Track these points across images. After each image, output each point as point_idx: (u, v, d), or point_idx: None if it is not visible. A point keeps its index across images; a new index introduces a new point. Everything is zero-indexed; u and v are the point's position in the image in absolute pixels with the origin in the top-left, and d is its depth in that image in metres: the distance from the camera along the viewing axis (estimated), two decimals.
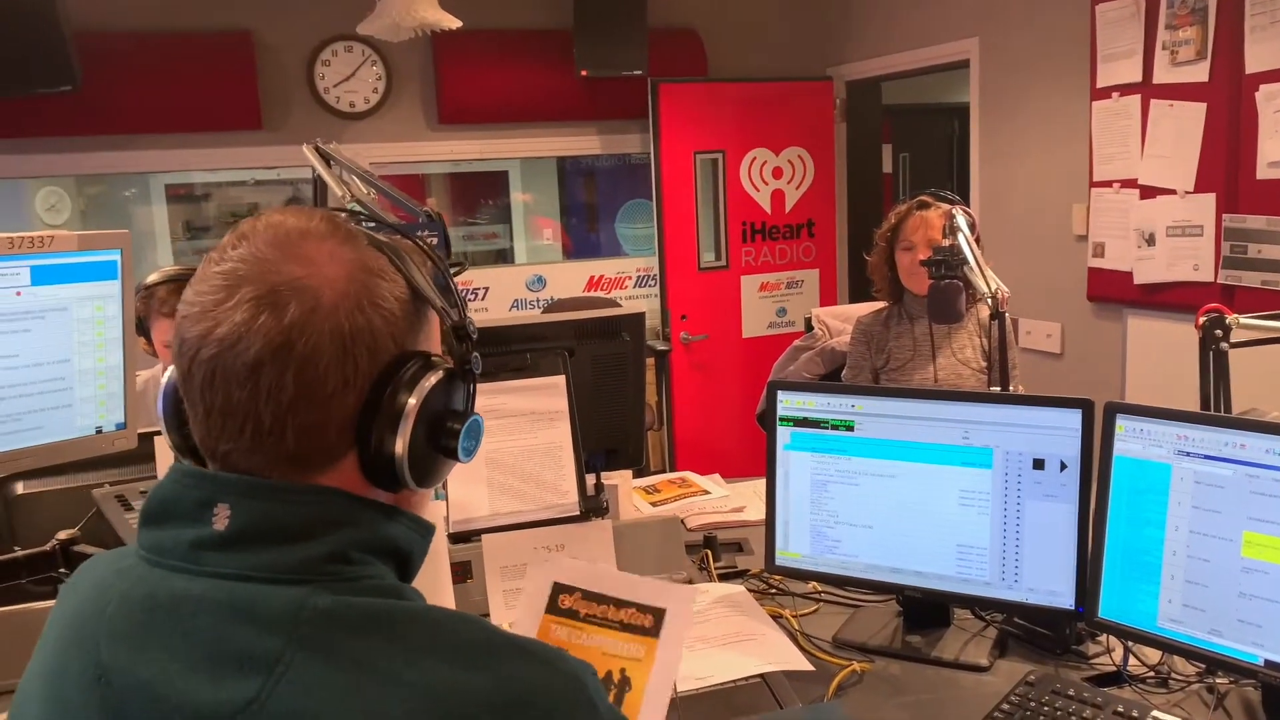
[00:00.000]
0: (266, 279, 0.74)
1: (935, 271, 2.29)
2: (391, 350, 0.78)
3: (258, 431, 0.74)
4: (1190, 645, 1.45)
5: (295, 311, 0.73)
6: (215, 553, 0.73)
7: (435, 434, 0.81)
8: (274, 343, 0.73)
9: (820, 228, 5.12)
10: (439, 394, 0.80)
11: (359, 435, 0.77)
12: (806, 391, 1.79)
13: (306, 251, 0.76)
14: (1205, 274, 3.29)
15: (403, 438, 0.77)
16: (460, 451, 0.83)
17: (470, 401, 0.86)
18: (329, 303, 0.75)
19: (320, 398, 0.74)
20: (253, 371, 0.73)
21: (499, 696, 0.70)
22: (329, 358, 0.74)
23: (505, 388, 1.87)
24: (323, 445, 0.76)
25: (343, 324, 0.75)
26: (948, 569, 1.67)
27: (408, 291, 0.80)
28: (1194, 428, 1.44)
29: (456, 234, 6.26)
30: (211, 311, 0.74)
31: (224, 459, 0.76)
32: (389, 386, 0.77)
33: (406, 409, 0.77)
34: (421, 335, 0.82)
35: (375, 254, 0.80)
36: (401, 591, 0.76)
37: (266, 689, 0.67)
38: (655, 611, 1.33)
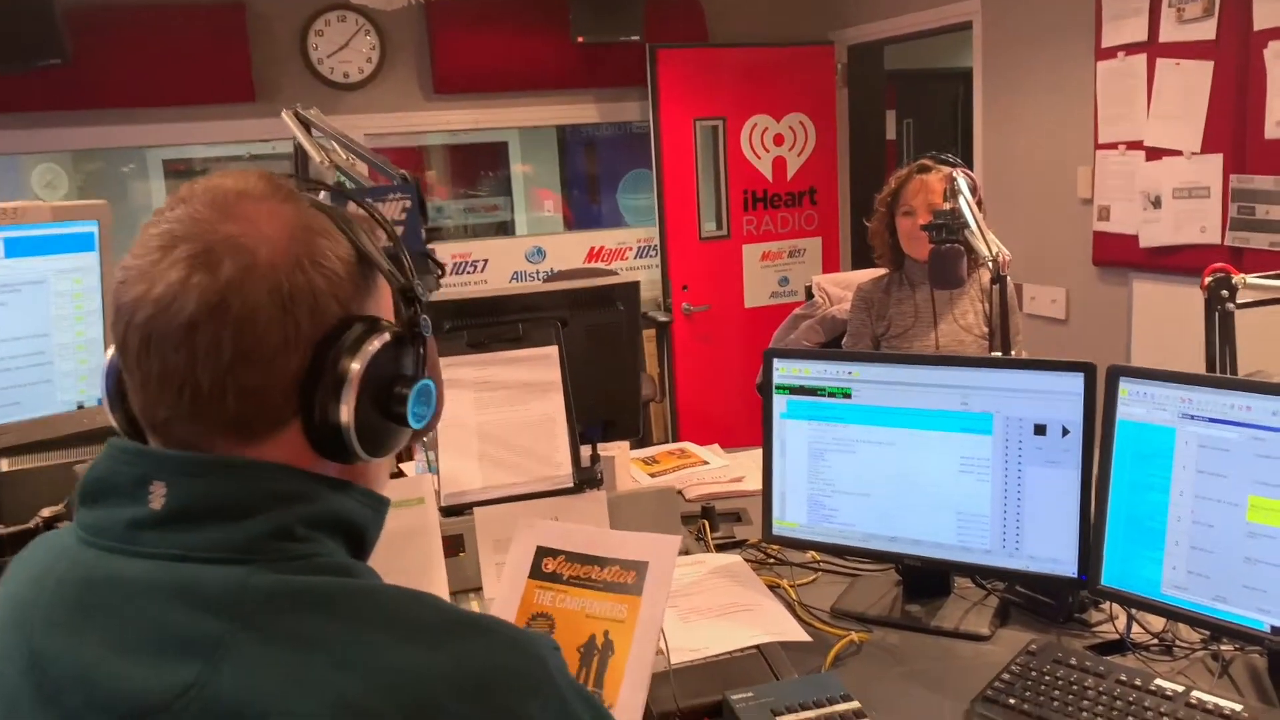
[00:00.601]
0: (202, 238, 0.71)
1: (936, 236, 2.25)
2: (336, 312, 0.74)
3: (196, 396, 0.71)
4: (1194, 612, 1.42)
5: (230, 269, 0.70)
6: (153, 532, 0.70)
7: (383, 400, 0.78)
8: (209, 301, 0.70)
9: (822, 195, 5.06)
10: (386, 358, 0.77)
11: (302, 401, 0.73)
12: (802, 359, 1.76)
13: (244, 210, 0.73)
14: (1212, 236, 3.23)
15: (347, 404, 0.73)
16: (411, 417, 0.79)
17: (421, 365, 0.82)
18: (266, 260, 0.71)
19: (260, 359, 0.71)
20: (188, 332, 0.70)
21: (456, 676, 0.67)
22: (268, 317, 0.71)
23: (497, 359, 1.83)
24: (265, 409, 0.72)
25: (282, 282, 0.71)
26: (947, 537, 1.64)
27: (353, 253, 0.77)
28: (1198, 390, 1.41)
29: (457, 207, 6.22)
30: (147, 273, 0.71)
31: (164, 429, 0.73)
32: (332, 350, 0.73)
33: (350, 373, 0.73)
34: (370, 300, 0.79)
35: (317, 214, 0.77)
36: (351, 569, 0.73)
37: (206, 673, 0.64)
38: (638, 566, 1.30)
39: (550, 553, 1.38)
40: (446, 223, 6.00)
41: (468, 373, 1.82)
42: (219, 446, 0.72)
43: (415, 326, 0.81)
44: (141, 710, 0.65)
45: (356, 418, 0.74)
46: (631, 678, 1.24)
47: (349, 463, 0.77)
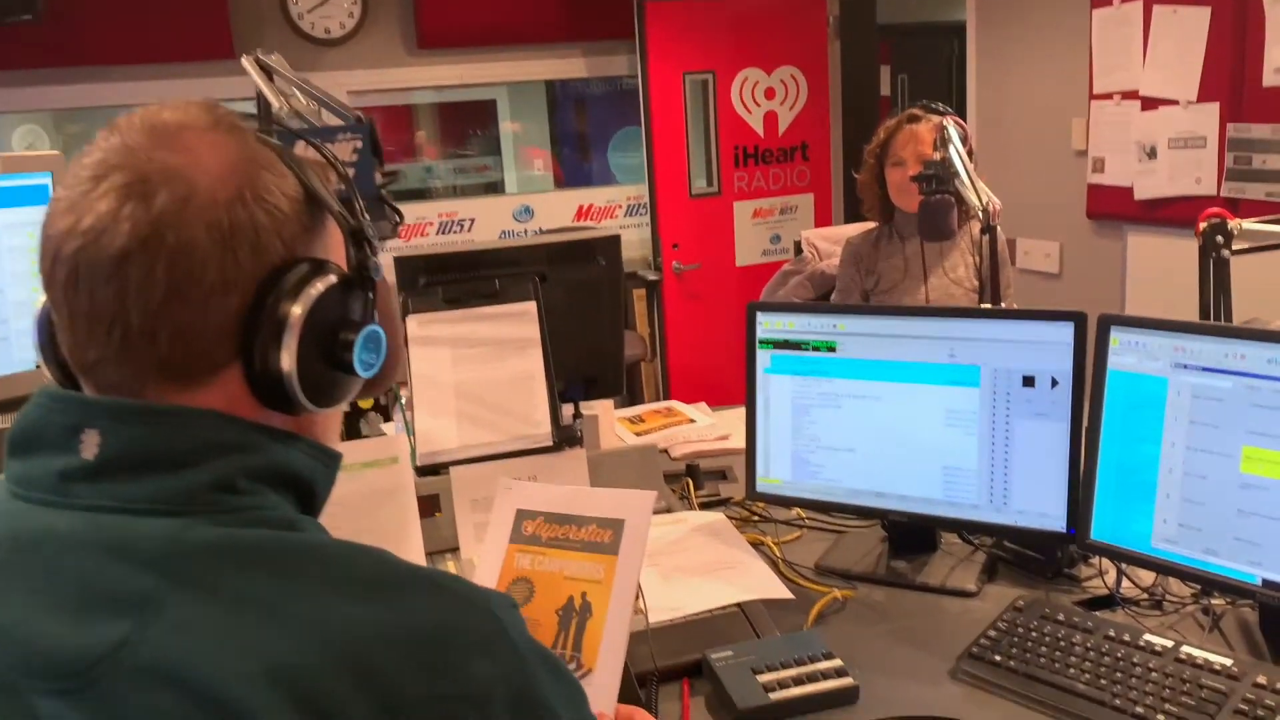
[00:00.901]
0: (137, 167, 0.67)
1: (926, 187, 2.19)
2: (280, 252, 0.70)
3: (127, 335, 0.66)
4: (1185, 566, 1.39)
5: (166, 199, 0.66)
6: (85, 484, 0.66)
7: (328, 346, 0.73)
8: (141, 233, 0.65)
9: (814, 150, 4.98)
10: (332, 301, 0.72)
11: (242, 345, 0.69)
12: (786, 312, 1.71)
13: (184, 140, 0.69)
14: (1208, 187, 3.18)
15: (289, 350, 0.69)
16: (358, 365, 0.74)
17: (369, 311, 0.77)
18: (205, 191, 0.67)
19: (196, 296, 0.66)
20: (119, 265, 0.65)
21: (401, 632, 0.63)
22: (205, 252, 0.66)
23: (473, 315, 1.79)
24: (200, 352, 0.68)
25: (221, 216, 0.67)
26: (934, 492, 1.61)
27: (300, 191, 0.72)
28: (1192, 339, 1.36)
29: (447, 167, 6.13)
30: (77, 204, 0.67)
31: (95, 372, 0.69)
32: (274, 291, 0.69)
33: (292, 317, 0.69)
34: (318, 242, 0.74)
35: (262, 149, 0.72)
36: (295, 523, 0.69)
37: (137, 632, 0.60)
38: (614, 525, 1.27)
39: (529, 515, 1.35)
40: (436, 183, 5.92)
41: (444, 329, 1.77)
42: (151, 392, 0.68)
43: (365, 270, 0.76)
44: (68, 670, 0.61)
45: (299, 365, 0.70)
46: (609, 639, 1.21)
47: (294, 413, 0.73)
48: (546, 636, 1.23)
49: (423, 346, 1.76)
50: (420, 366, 1.74)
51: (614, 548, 1.27)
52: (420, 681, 0.63)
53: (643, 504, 1.28)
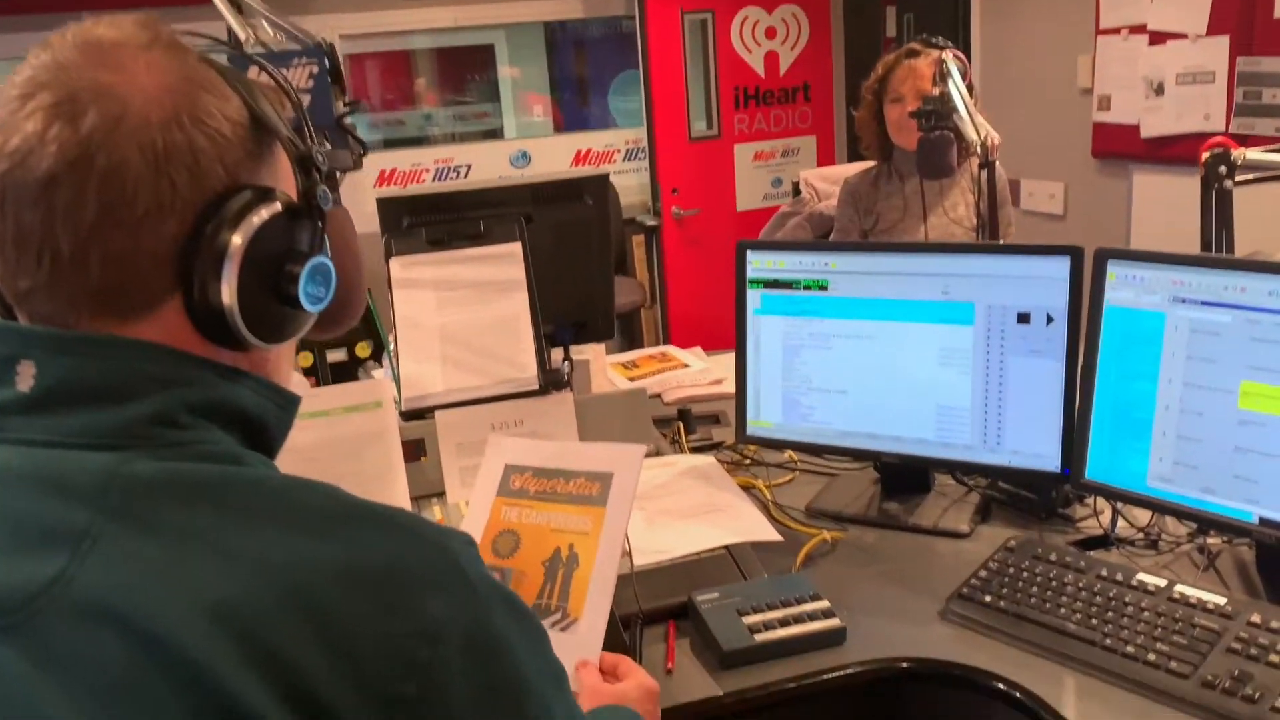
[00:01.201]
0: (67, 85, 0.63)
1: (924, 123, 2.14)
2: (222, 178, 0.66)
3: (57, 261, 0.63)
4: (1181, 505, 1.36)
5: (95, 119, 0.62)
6: (19, 417, 0.63)
7: (272, 279, 0.70)
8: (69, 155, 0.62)
9: (816, 91, 4.89)
10: (276, 231, 0.68)
11: (181, 276, 0.65)
12: (777, 251, 1.67)
13: (118, 58, 0.65)
14: (1216, 123, 3.10)
15: (229, 282, 0.66)
16: (304, 299, 0.71)
17: (317, 241, 0.73)
18: (138, 111, 0.63)
19: (128, 221, 0.63)
20: (45, 188, 0.62)
21: (348, 567, 0.61)
22: (137, 174, 0.63)
23: (457, 257, 1.75)
24: (135, 282, 0.64)
25: (155, 138, 0.63)
26: (926, 433, 1.58)
27: (245, 115, 0.68)
28: (1191, 271, 1.32)
29: (446, 114, 6.04)
30: (4, 124, 0.63)
31: (28, 302, 0.65)
32: (213, 220, 0.65)
33: (231, 246, 0.65)
34: (266, 170, 0.70)
35: (205, 69, 0.68)
36: (241, 458, 0.66)
37: (73, 566, 0.58)
38: (602, 478, 1.25)
39: (517, 469, 1.33)
40: (435, 131, 5.84)
41: (428, 272, 1.74)
42: (86, 323, 0.65)
43: (312, 198, 0.72)
44: (2, 607, 0.58)
45: (241, 298, 0.67)
46: (595, 589, 1.19)
47: (240, 349, 0.70)
48: (532, 587, 1.22)
49: (406, 289, 1.72)
50: (404, 309, 1.71)
51: (602, 500, 1.25)
52: (369, 619, 0.60)
53: (632, 458, 1.26)
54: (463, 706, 0.63)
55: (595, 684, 1.08)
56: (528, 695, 0.67)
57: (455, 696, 0.62)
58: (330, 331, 0.99)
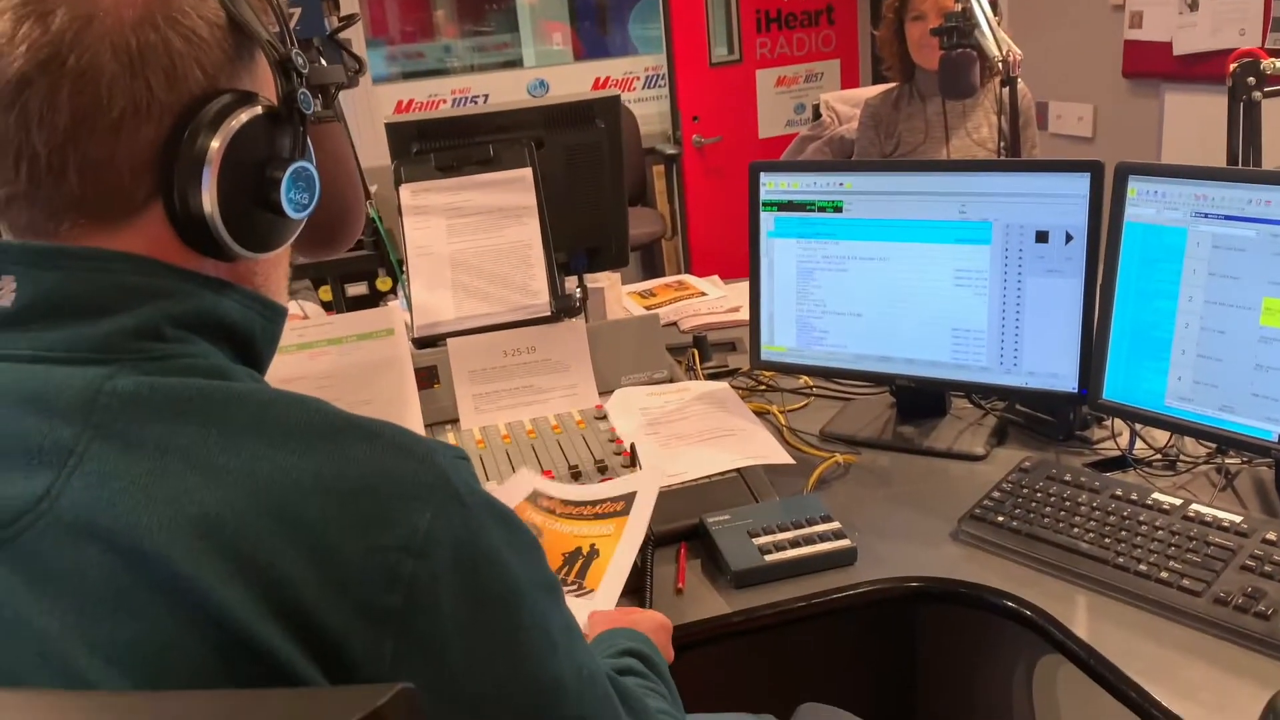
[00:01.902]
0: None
1: (946, 40, 2.08)
2: (200, 82, 0.65)
3: (34, 167, 0.62)
4: (1200, 424, 1.34)
5: (64, 18, 0.61)
6: (2, 333, 0.62)
7: (253, 184, 0.69)
8: (39, 56, 0.60)
9: (840, 12, 4.76)
10: (256, 135, 0.67)
11: (161, 182, 0.64)
12: (791, 172, 1.64)
13: None
14: (1253, 39, 3.00)
15: (209, 189, 0.65)
16: (286, 205, 0.70)
17: (300, 146, 0.72)
18: (109, 11, 0.62)
19: (104, 125, 0.62)
20: (18, 90, 0.61)
21: (331, 481, 0.60)
22: (111, 76, 0.61)
23: (467, 183, 1.73)
24: (115, 187, 0.64)
25: (128, 38, 0.62)
26: (942, 355, 1.56)
27: (224, 18, 0.67)
28: (1214, 185, 1.28)
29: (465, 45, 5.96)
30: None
31: (8, 212, 0.65)
32: (191, 124, 0.64)
33: (210, 150, 0.64)
34: (246, 75, 0.69)
35: None
36: (227, 372, 0.66)
37: (58, 485, 0.58)
38: (626, 497, 1.30)
39: (544, 495, 1.36)
40: (455, 63, 5.76)
41: (437, 198, 1.72)
42: (68, 234, 0.64)
43: (293, 101, 0.71)
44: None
45: (222, 204, 0.66)
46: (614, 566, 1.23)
47: (226, 259, 0.69)
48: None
49: (416, 216, 1.71)
50: (414, 236, 1.70)
51: (625, 512, 1.30)
52: (355, 532, 0.60)
53: (653, 478, 1.32)
54: (453, 618, 0.62)
55: (607, 613, 1.09)
56: (520, 606, 0.66)
57: (443, 609, 0.62)
58: (329, 249, 0.99)
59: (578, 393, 1.68)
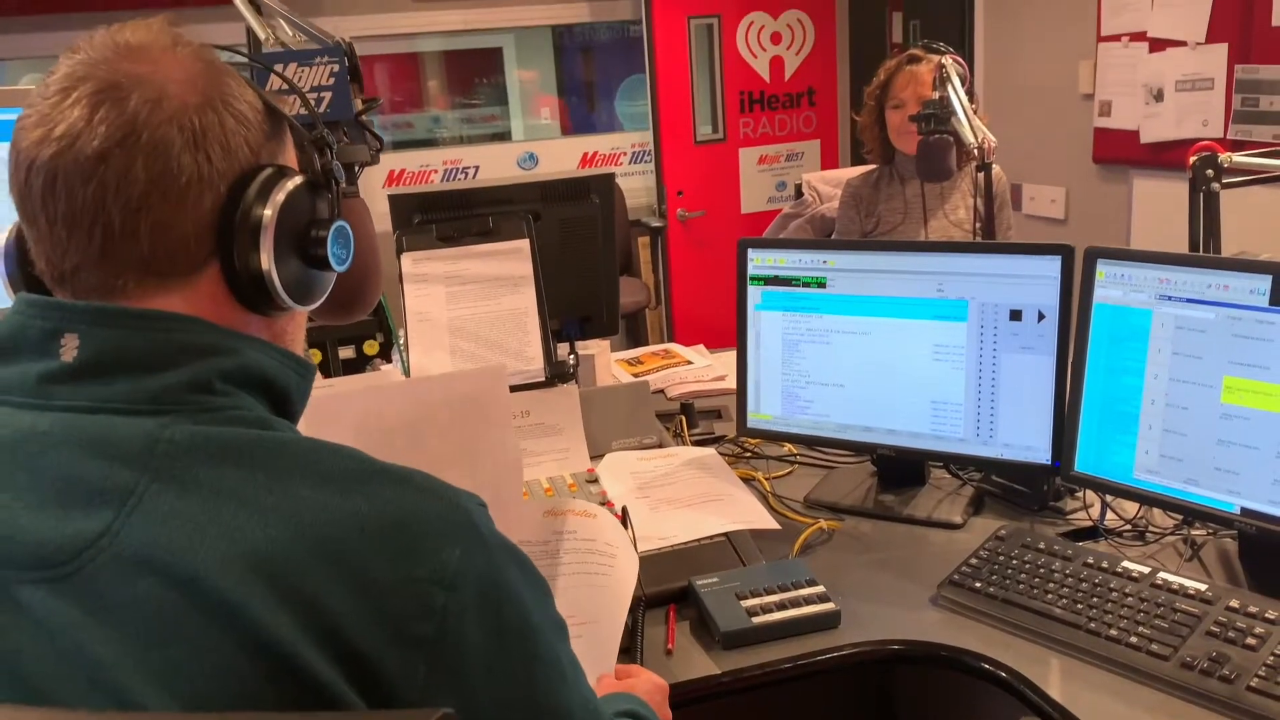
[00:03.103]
0: (105, 77, 0.69)
1: (924, 127, 2.18)
2: (248, 156, 0.73)
3: (109, 234, 0.69)
4: (1167, 496, 1.40)
5: (138, 101, 0.68)
6: (64, 385, 0.68)
7: (301, 243, 0.77)
8: (117, 134, 0.68)
9: (821, 96, 4.94)
10: (301, 201, 0.76)
11: (220, 244, 0.72)
12: (777, 249, 1.72)
13: (149, 54, 0.71)
14: (1215, 130, 3.14)
15: (266, 248, 0.72)
16: (331, 259, 0.78)
17: (335, 209, 0.81)
18: (175, 95, 0.70)
19: (174, 192, 0.69)
20: (98, 163, 0.68)
21: (370, 520, 0.66)
22: (180, 147, 0.69)
23: (467, 253, 1.80)
24: (180, 250, 0.70)
25: (191, 118, 0.70)
26: (921, 426, 1.62)
27: (260, 103, 0.76)
28: (1176, 270, 1.37)
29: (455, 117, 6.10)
30: (48, 116, 0.69)
31: (73, 279, 0.71)
32: (246, 192, 0.72)
33: (265, 216, 0.72)
34: (281, 153, 0.77)
35: (223, 63, 0.75)
36: (269, 423, 0.72)
37: (119, 522, 0.63)
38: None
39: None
40: (444, 133, 5.89)
41: (438, 267, 1.79)
42: (133, 292, 0.71)
43: (328, 172, 0.80)
44: (51, 560, 0.63)
45: (277, 261, 0.73)
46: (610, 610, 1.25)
47: (269, 313, 0.76)
48: None
49: (417, 284, 1.77)
50: (415, 304, 1.76)
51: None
52: (391, 566, 0.65)
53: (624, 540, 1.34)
54: (476, 648, 0.68)
55: (607, 682, 1.13)
56: (536, 639, 0.72)
57: (469, 638, 0.67)
58: (352, 313, 1.05)
59: (570, 456, 1.73)
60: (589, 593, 1.27)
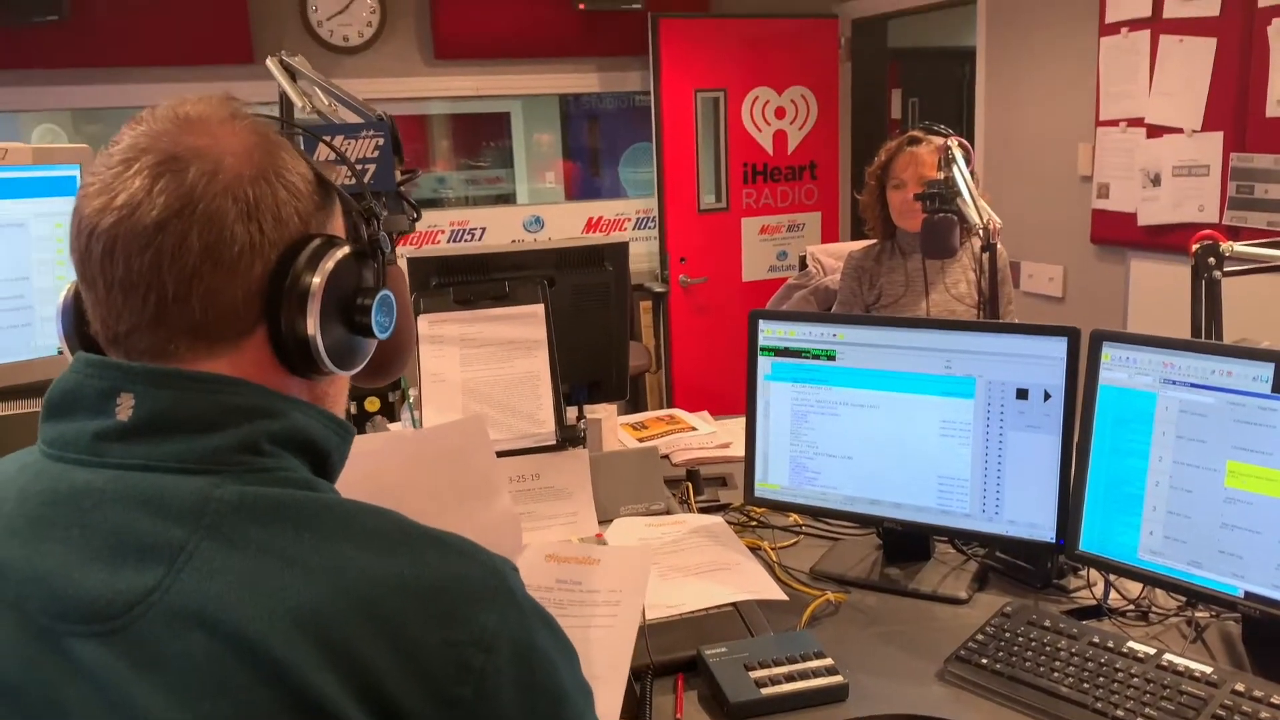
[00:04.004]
0: (166, 149, 0.73)
1: (929, 205, 2.24)
2: (298, 226, 0.76)
3: (162, 300, 0.71)
4: (1170, 577, 1.42)
5: (196, 174, 0.72)
6: (119, 444, 0.70)
7: (347, 311, 0.80)
8: (175, 205, 0.71)
9: (823, 170, 5.04)
10: (348, 270, 0.79)
11: (268, 310, 0.74)
12: (788, 321, 1.75)
13: (208, 127, 0.75)
14: (1210, 215, 3.22)
15: (312, 315, 0.75)
16: (375, 327, 0.81)
17: (380, 279, 0.84)
18: (231, 168, 0.73)
19: (226, 261, 0.72)
20: (155, 233, 0.70)
21: (411, 582, 0.68)
22: (234, 219, 0.72)
23: (483, 316, 1.83)
24: (230, 316, 0.73)
25: (246, 190, 0.73)
26: (928, 501, 1.64)
27: (312, 174, 0.79)
28: (1180, 355, 1.40)
29: (460, 178, 6.19)
30: (110, 185, 0.72)
31: (126, 341, 0.73)
32: (295, 260, 0.75)
33: (313, 284, 0.75)
34: (330, 223, 0.81)
35: (278, 136, 0.79)
36: (314, 484, 0.74)
37: (169, 578, 0.65)
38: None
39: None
40: (449, 194, 5.97)
41: (454, 329, 1.82)
42: (183, 356, 0.73)
43: (375, 243, 0.83)
44: (102, 614, 0.65)
45: (322, 328, 0.76)
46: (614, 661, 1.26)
47: (313, 378, 0.79)
48: None
49: (433, 345, 1.80)
50: (430, 364, 1.79)
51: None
52: (432, 627, 0.67)
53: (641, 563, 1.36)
54: (511, 707, 0.70)
55: None
56: (565, 700, 0.74)
57: (505, 700, 0.69)
58: (382, 379, 1.07)
59: (578, 520, 1.74)
60: (592, 647, 1.28)
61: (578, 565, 1.35)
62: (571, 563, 1.35)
